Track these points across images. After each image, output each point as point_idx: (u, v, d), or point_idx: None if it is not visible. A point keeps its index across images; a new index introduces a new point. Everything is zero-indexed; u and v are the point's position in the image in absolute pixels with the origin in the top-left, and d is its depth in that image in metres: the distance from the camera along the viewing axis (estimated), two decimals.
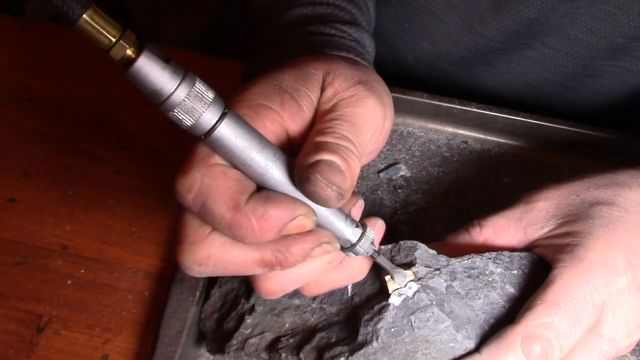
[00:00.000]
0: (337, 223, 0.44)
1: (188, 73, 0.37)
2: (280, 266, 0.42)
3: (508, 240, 0.54)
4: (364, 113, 0.45)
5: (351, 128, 0.44)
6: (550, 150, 0.71)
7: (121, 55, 0.35)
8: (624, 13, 0.69)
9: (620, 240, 0.49)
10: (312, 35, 0.60)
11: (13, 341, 0.61)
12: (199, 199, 0.40)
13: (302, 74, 0.46)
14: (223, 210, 0.39)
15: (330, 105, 0.45)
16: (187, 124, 0.37)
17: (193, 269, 0.42)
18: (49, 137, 0.75)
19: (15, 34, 0.84)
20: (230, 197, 0.39)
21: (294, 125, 0.44)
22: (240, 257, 0.42)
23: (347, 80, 0.47)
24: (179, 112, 0.37)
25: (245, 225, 0.39)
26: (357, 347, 0.47)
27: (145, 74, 0.35)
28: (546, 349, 0.46)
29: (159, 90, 0.36)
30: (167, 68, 0.36)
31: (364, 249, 0.45)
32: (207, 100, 0.37)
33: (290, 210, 0.41)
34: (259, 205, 0.40)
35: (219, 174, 0.40)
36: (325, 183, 0.40)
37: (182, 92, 0.36)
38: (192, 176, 0.40)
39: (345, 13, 0.64)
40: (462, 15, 0.75)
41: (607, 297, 0.48)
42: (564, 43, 0.74)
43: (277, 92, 0.44)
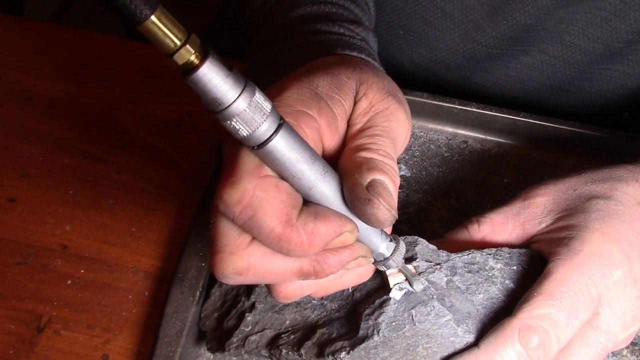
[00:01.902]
0: (374, 238, 0.44)
1: (249, 82, 0.36)
2: (315, 276, 0.42)
3: (506, 236, 0.54)
4: (398, 128, 0.46)
5: (391, 144, 0.44)
6: (550, 150, 0.71)
7: (184, 60, 0.33)
8: (620, 19, 0.69)
9: (616, 233, 0.49)
10: (321, 34, 0.60)
11: (13, 341, 0.61)
12: (248, 211, 0.39)
13: (336, 81, 0.46)
14: (274, 224, 0.39)
15: (367, 118, 0.45)
16: (244, 134, 0.36)
17: (232, 278, 0.41)
18: (49, 137, 0.75)
19: (15, 34, 0.85)
20: (283, 211, 0.39)
21: (328, 134, 0.44)
22: (279, 267, 0.41)
23: (379, 91, 0.47)
24: (237, 122, 0.36)
25: (295, 240, 0.39)
26: (358, 342, 0.47)
27: (208, 81, 0.34)
28: (544, 339, 0.46)
29: (219, 99, 0.35)
30: (230, 76, 0.35)
31: (396, 263, 0.46)
32: (265, 111, 0.36)
33: (339, 226, 0.40)
34: (310, 221, 0.39)
35: (271, 187, 0.39)
36: (386, 207, 0.40)
37: (243, 102, 0.35)
38: (242, 187, 0.39)
39: (350, 13, 0.64)
40: (457, 22, 0.75)
41: (603, 290, 0.48)
42: (560, 49, 0.74)
43: (314, 98, 0.44)
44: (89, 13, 2.17)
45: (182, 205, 0.70)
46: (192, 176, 0.72)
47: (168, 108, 0.78)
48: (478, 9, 0.72)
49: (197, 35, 0.34)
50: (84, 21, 2.14)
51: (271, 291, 0.45)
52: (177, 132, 0.76)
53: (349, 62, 0.50)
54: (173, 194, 0.71)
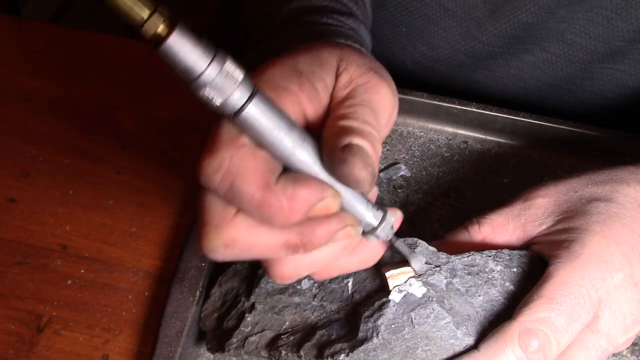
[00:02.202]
0: (360, 206, 0.44)
1: (219, 51, 0.36)
2: (304, 249, 0.42)
3: (507, 237, 0.54)
4: (380, 100, 0.46)
5: (372, 114, 0.44)
6: (550, 150, 0.71)
7: (153, 32, 0.34)
8: (622, 17, 0.69)
9: (617, 236, 0.49)
10: (309, 26, 0.60)
11: (13, 341, 0.61)
12: (227, 179, 0.39)
13: (317, 57, 0.46)
14: (253, 190, 0.39)
15: (347, 91, 0.45)
16: (217, 103, 0.37)
17: (218, 252, 0.41)
18: (49, 137, 0.75)
19: (15, 34, 0.85)
20: (261, 176, 0.39)
21: (310, 108, 0.44)
22: (266, 239, 0.41)
23: (360, 66, 0.47)
24: (209, 91, 0.36)
25: (275, 204, 0.39)
26: (357, 344, 0.47)
27: (177, 51, 0.35)
28: (544, 343, 0.46)
29: (190, 68, 0.35)
30: (198, 45, 0.35)
31: (385, 232, 0.45)
32: (237, 79, 0.37)
33: (319, 191, 0.40)
34: (289, 185, 0.39)
35: (248, 154, 0.39)
36: (361, 165, 0.40)
37: (213, 71, 0.36)
38: (219, 156, 0.39)
39: (342, 6, 0.64)
40: (459, 20, 0.75)
41: (603, 293, 0.48)
42: (562, 47, 0.74)
43: (294, 74, 0.44)
44: (89, 13, 2.17)
45: (182, 205, 0.70)
46: (192, 176, 0.71)
47: (168, 108, 0.78)
48: (480, 7, 0.72)
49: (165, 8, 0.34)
50: (84, 21, 2.14)
51: (268, 272, 0.45)
52: (177, 132, 0.76)
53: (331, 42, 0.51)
54: (173, 194, 0.71)
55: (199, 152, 0.75)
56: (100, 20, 2.13)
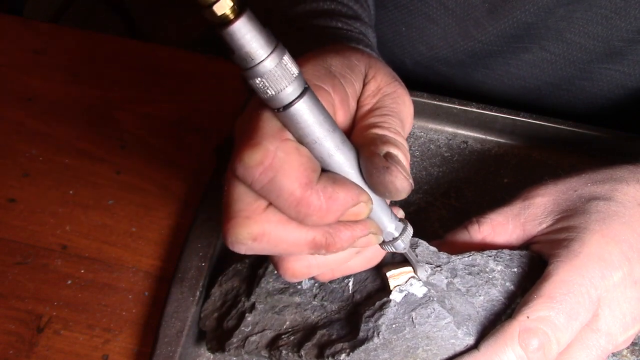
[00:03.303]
0: (384, 216, 0.44)
1: (279, 43, 0.37)
2: (326, 249, 0.42)
3: (506, 237, 0.54)
4: (405, 110, 0.47)
5: (400, 124, 0.45)
6: (550, 150, 0.71)
7: (223, 11, 0.34)
8: (621, 17, 0.69)
9: (616, 234, 0.49)
10: (320, 29, 0.60)
11: (13, 341, 0.61)
12: (269, 173, 0.38)
13: (348, 62, 0.47)
14: (295, 187, 0.38)
15: (376, 99, 0.46)
16: (270, 93, 0.37)
17: (245, 244, 0.41)
18: (49, 137, 0.75)
19: (15, 34, 0.84)
20: (304, 173, 0.39)
21: (340, 112, 0.45)
22: (294, 235, 0.41)
23: (387, 75, 0.47)
24: (265, 81, 0.36)
25: (314, 203, 0.39)
26: (358, 343, 0.47)
27: (242, 36, 0.35)
28: (543, 342, 0.46)
29: (251, 55, 0.35)
30: (263, 33, 0.35)
31: (404, 243, 0.46)
32: (293, 73, 0.37)
33: (356, 195, 0.40)
34: (329, 185, 0.39)
35: (293, 149, 0.39)
36: (404, 175, 0.40)
37: (273, 61, 0.36)
38: (263, 148, 0.38)
39: (349, 9, 0.65)
40: (458, 19, 0.75)
41: (603, 292, 0.48)
42: (561, 47, 0.74)
43: (328, 76, 0.44)
44: (89, 13, 2.17)
45: (182, 205, 0.70)
46: (192, 176, 0.72)
47: (168, 108, 0.78)
48: (479, 6, 0.72)
49: None
50: (84, 21, 2.14)
51: (278, 268, 0.45)
52: (177, 132, 0.76)
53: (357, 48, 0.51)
54: (173, 194, 0.71)
55: (199, 152, 0.75)
56: (100, 20, 2.13)
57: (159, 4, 2.09)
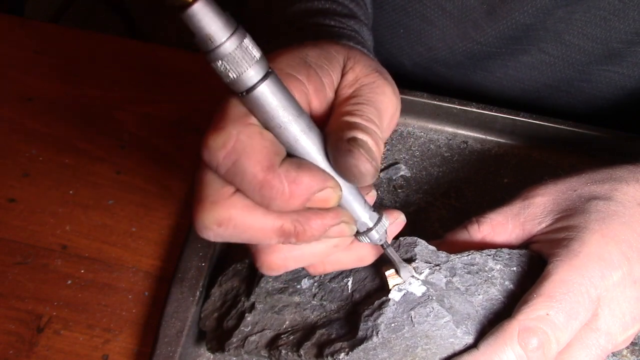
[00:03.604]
0: (357, 205, 0.44)
1: (239, 26, 0.37)
2: (295, 238, 0.41)
3: (506, 236, 0.54)
4: (384, 100, 0.46)
5: (376, 113, 0.44)
6: (550, 150, 0.71)
7: None
8: (619, 19, 0.69)
9: (616, 234, 0.49)
10: (312, 27, 0.60)
11: (13, 341, 0.61)
12: (232, 156, 0.39)
13: (325, 53, 0.47)
14: (257, 170, 0.38)
15: (352, 89, 0.46)
16: (232, 76, 0.37)
17: (212, 229, 0.41)
18: (49, 137, 0.75)
19: (15, 34, 0.84)
20: (266, 156, 0.39)
21: (315, 101, 0.44)
22: (260, 222, 0.41)
23: (366, 67, 0.47)
24: (225, 63, 0.37)
25: (276, 187, 0.39)
26: (357, 343, 0.47)
27: (201, 18, 0.35)
28: (543, 341, 0.46)
29: (211, 36, 0.36)
30: (222, 16, 0.36)
31: (379, 234, 0.45)
32: (254, 57, 0.37)
33: (321, 180, 0.40)
34: (292, 170, 0.39)
35: (255, 133, 0.39)
36: (366, 157, 0.40)
37: (233, 43, 0.36)
38: (226, 133, 0.39)
39: (344, 8, 0.65)
40: (456, 21, 0.75)
41: (602, 291, 0.48)
42: (559, 48, 0.74)
43: (303, 65, 0.44)
44: (89, 13, 2.17)
45: (182, 205, 0.70)
46: (192, 176, 0.72)
47: (168, 108, 0.78)
48: (477, 8, 0.72)
49: None
50: (84, 21, 2.14)
51: (255, 260, 0.45)
52: (177, 132, 0.76)
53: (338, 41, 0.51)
54: (173, 194, 0.71)
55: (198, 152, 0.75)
56: (100, 20, 2.13)
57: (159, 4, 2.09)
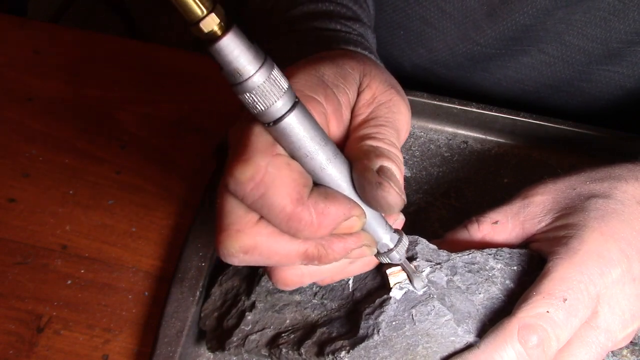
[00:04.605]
0: (379, 228, 0.44)
1: (268, 58, 0.37)
2: (318, 261, 0.42)
3: (506, 235, 0.54)
4: (401, 119, 0.46)
5: (395, 135, 0.45)
6: (550, 150, 0.71)
7: (210, 28, 0.34)
8: (619, 19, 0.69)
9: (615, 232, 0.49)
10: (318, 31, 0.60)
11: (13, 341, 0.61)
12: (260, 188, 0.39)
13: (341, 71, 0.47)
14: (286, 202, 0.39)
15: (371, 109, 0.46)
16: (260, 108, 0.37)
17: (238, 257, 0.41)
18: (49, 137, 0.75)
19: (16, 34, 0.85)
20: (295, 189, 0.39)
21: (333, 121, 0.44)
22: (286, 248, 0.41)
23: (382, 83, 0.47)
24: (254, 96, 0.36)
25: (305, 219, 0.39)
26: (358, 341, 0.48)
27: (230, 52, 0.35)
28: (543, 338, 0.46)
29: (240, 70, 0.36)
30: (251, 49, 0.35)
31: (399, 255, 0.46)
32: (282, 88, 0.37)
33: (348, 209, 0.40)
34: (320, 201, 0.39)
35: (284, 165, 0.39)
36: (396, 190, 0.40)
37: (261, 77, 0.36)
38: (254, 164, 0.38)
39: (348, 10, 0.64)
40: (456, 23, 0.75)
41: (602, 288, 0.48)
42: (559, 49, 0.74)
43: (320, 85, 0.44)
44: (89, 13, 2.17)
45: (182, 205, 0.70)
46: (192, 176, 0.72)
47: (168, 108, 0.78)
48: (477, 9, 0.72)
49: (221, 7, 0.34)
50: (84, 21, 2.14)
51: (271, 276, 0.45)
52: (177, 132, 0.76)
53: (353, 55, 0.51)
54: (173, 194, 0.71)
55: (199, 152, 0.75)
56: (100, 20, 2.13)
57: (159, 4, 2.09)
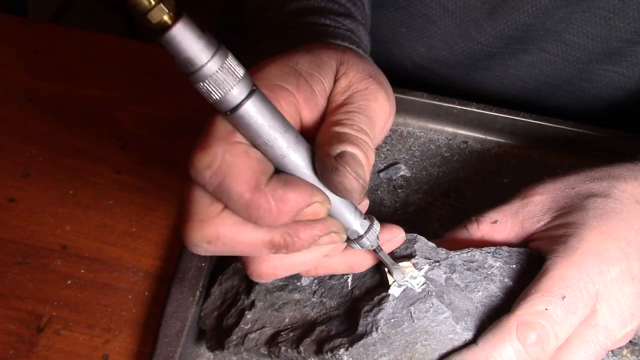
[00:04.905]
0: (347, 214, 0.44)
1: (221, 46, 0.36)
2: (286, 249, 0.42)
3: (505, 235, 0.54)
4: (376, 107, 0.46)
5: (367, 121, 0.44)
6: (550, 150, 0.71)
7: (159, 19, 0.34)
8: (620, 18, 0.69)
9: (614, 230, 0.49)
10: (308, 27, 0.60)
11: (13, 341, 0.61)
12: (218, 176, 0.39)
13: (316, 59, 0.46)
14: (243, 189, 0.39)
15: (345, 96, 0.45)
16: (215, 97, 0.37)
17: (201, 247, 0.41)
18: (49, 137, 0.75)
19: (15, 34, 0.85)
20: (252, 176, 0.39)
21: (306, 110, 0.44)
22: (249, 237, 0.41)
23: (359, 72, 0.47)
24: (208, 84, 0.36)
25: (263, 206, 0.39)
26: (356, 338, 0.48)
27: (181, 41, 0.35)
28: (541, 336, 0.46)
29: (192, 59, 0.35)
30: (202, 38, 0.35)
31: (370, 241, 0.46)
32: (237, 76, 0.37)
33: (308, 196, 0.40)
34: (279, 188, 0.39)
35: (241, 152, 0.39)
36: (353, 175, 0.40)
37: (215, 65, 0.36)
38: (212, 152, 0.39)
39: (340, 6, 0.64)
40: (457, 20, 0.75)
41: (600, 287, 0.48)
42: (560, 47, 0.74)
43: (292, 74, 0.44)
44: (89, 13, 2.17)
45: (182, 205, 0.70)
46: None
47: (168, 108, 0.78)
48: (479, 7, 0.72)
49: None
50: (84, 21, 2.14)
51: (246, 269, 0.45)
52: (177, 132, 0.76)
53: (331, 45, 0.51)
54: (173, 194, 0.71)
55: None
56: (100, 20, 2.13)
57: None
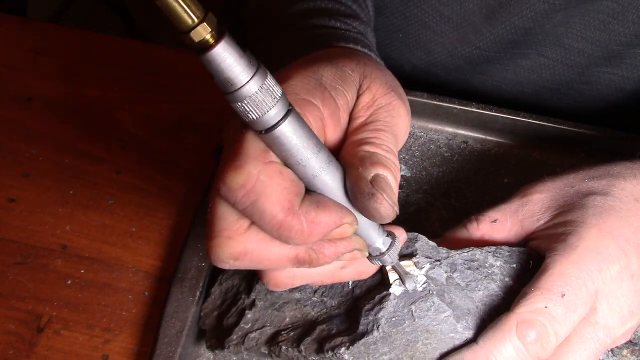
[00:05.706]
0: (372, 232, 0.44)
1: (261, 66, 0.36)
2: (309, 264, 0.42)
3: (505, 234, 0.54)
4: (400, 123, 0.46)
5: (393, 140, 0.44)
6: (550, 150, 0.71)
7: (200, 38, 0.33)
8: (619, 22, 0.69)
9: (613, 228, 0.50)
10: (317, 29, 0.60)
11: (13, 341, 0.61)
12: (251, 196, 0.38)
13: (340, 73, 0.46)
14: (276, 211, 0.39)
15: (370, 112, 0.45)
16: (253, 117, 0.37)
17: (228, 263, 0.41)
18: (49, 137, 0.75)
19: (16, 34, 0.85)
20: (286, 197, 0.39)
21: (330, 125, 0.44)
22: (276, 253, 0.41)
23: (382, 86, 0.47)
24: (247, 105, 0.36)
25: (295, 227, 0.39)
26: (357, 337, 0.48)
27: (222, 61, 0.34)
28: (541, 334, 0.46)
29: (232, 80, 0.35)
30: (243, 57, 0.35)
31: (392, 258, 0.46)
32: (276, 96, 0.36)
33: (339, 217, 0.41)
34: (312, 210, 0.39)
35: (276, 173, 0.39)
36: (388, 202, 0.40)
37: (255, 85, 0.35)
38: (246, 172, 0.38)
39: (347, 8, 0.64)
40: (455, 26, 0.75)
41: (600, 285, 0.48)
42: (559, 52, 0.74)
43: (318, 88, 0.44)
44: (89, 13, 2.18)
45: (182, 205, 0.70)
46: (192, 176, 0.72)
47: (168, 108, 0.78)
48: (476, 12, 0.72)
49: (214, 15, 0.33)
50: (84, 21, 2.14)
51: (262, 278, 0.45)
52: (177, 132, 0.76)
53: (352, 55, 0.50)
54: (173, 194, 0.71)
55: (199, 152, 0.75)
56: (100, 20, 2.13)
57: None
